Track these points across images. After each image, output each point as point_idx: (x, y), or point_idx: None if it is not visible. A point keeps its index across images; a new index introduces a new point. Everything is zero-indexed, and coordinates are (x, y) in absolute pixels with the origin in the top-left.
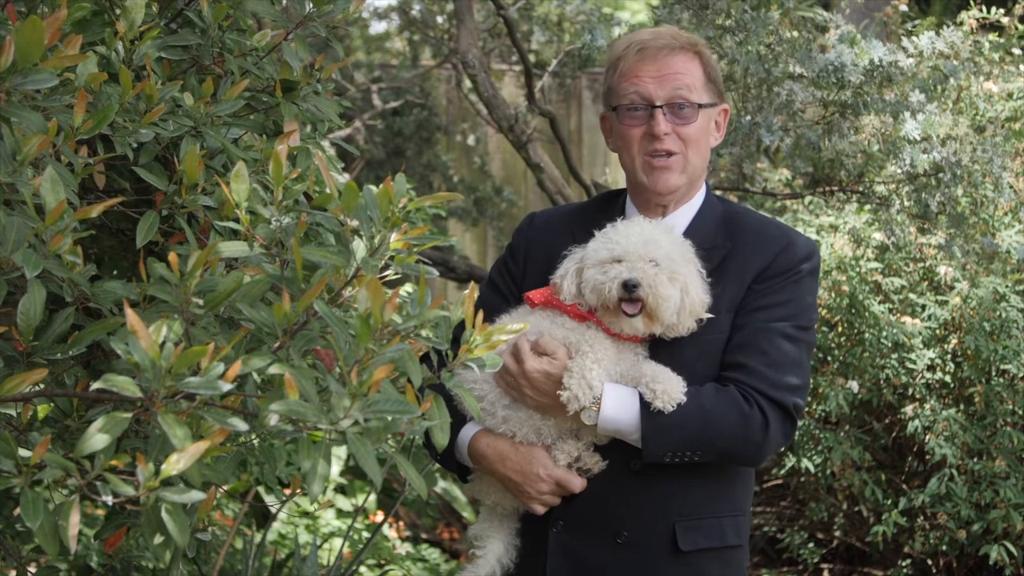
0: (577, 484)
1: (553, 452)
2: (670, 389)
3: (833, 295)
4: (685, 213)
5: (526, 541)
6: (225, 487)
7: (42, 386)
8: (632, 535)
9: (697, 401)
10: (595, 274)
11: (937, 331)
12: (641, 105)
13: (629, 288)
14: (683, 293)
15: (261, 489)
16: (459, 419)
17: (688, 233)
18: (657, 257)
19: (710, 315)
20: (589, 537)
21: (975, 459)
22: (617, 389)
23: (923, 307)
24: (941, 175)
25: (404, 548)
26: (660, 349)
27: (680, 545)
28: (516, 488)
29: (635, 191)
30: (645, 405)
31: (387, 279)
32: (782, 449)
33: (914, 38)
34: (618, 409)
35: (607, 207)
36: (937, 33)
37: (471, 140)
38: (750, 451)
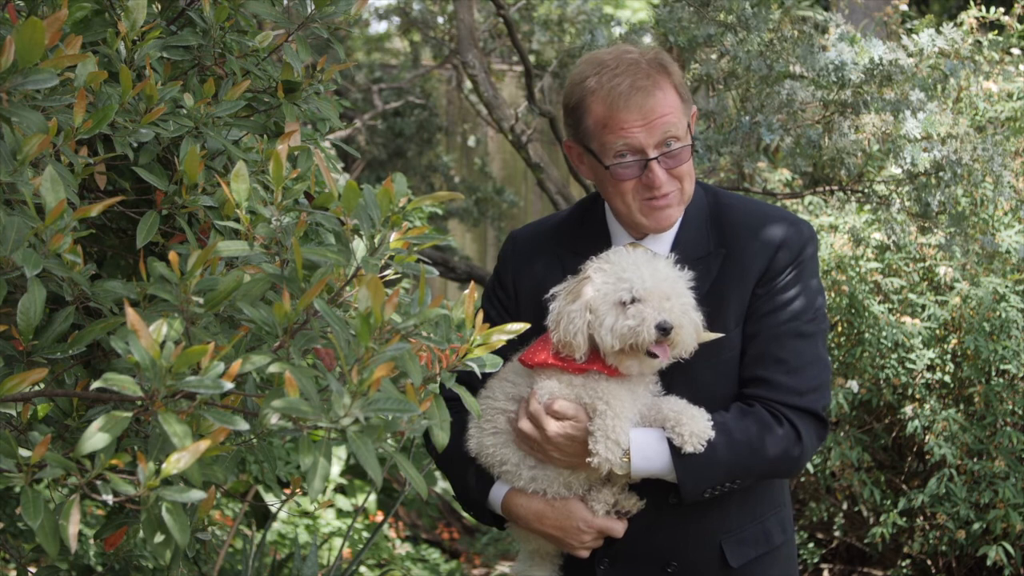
0: (619, 529)
1: (590, 503)
2: (696, 429)
3: (833, 295)
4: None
5: None
6: (225, 487)
7: (42, 385)
8: (681, 564)
9: (726, 434)
10: (616, 318)
11: (937, 331)
12: (633, 157)
13: (665, 331)
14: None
15: (261, 489)
16: (487, 480)
17: (678, 243)
18: (668, 291)
19: (719, 334)
20: (636, 572)
21: (975, 459)
22: (644, 435)
23: (923, 307)
24: (941, 174)
25: (404, 548)
26: (675, 377)
27: (730, 562)
28: (557, 542)
29: (625, 222)
30: (675, 449)
31: (387, 278)
32: None
33: (914, 36)
34: (649, 457)
35: (588, 220)
36: (937, 30)
37: (471, 141)
38: (788, 466)
